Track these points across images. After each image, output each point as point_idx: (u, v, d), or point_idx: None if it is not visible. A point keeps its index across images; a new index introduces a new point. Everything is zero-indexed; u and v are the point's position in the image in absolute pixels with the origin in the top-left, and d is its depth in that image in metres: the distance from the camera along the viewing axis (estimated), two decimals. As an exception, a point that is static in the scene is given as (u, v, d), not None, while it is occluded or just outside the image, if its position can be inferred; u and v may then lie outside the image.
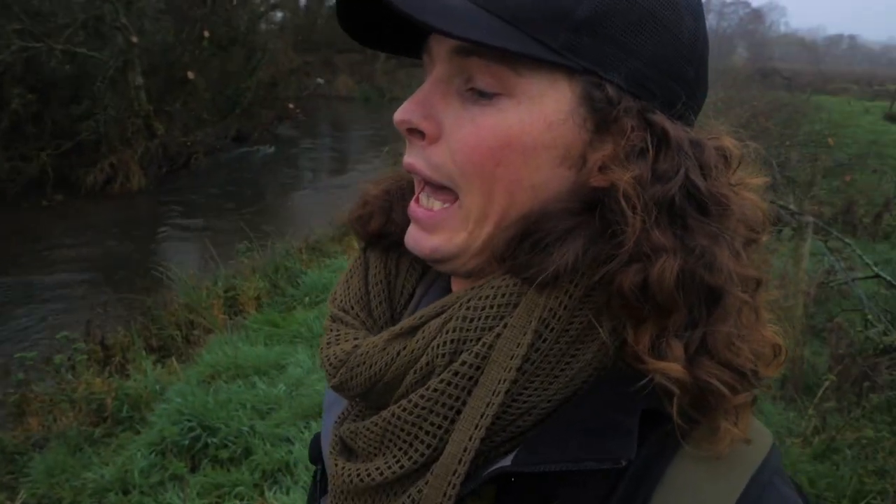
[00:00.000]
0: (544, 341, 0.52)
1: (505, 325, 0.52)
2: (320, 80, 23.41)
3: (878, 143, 16.03)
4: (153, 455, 3.34)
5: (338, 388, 0.60)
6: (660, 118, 0.53)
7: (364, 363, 0.57)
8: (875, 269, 4.71)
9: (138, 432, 3.69)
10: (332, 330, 0.63)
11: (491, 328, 0.53)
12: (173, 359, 4.65)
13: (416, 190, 0.60)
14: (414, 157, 0.57)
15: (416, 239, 0.58)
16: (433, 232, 0.57)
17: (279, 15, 20.73)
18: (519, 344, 0.51)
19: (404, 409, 0.54)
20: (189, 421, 3.51)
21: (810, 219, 4.52)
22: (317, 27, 22.42)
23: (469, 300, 0.54)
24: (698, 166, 0.53)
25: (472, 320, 0.53)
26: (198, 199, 11.27)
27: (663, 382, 0.49)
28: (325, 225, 8.29)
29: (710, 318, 0.51)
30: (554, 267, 0.50)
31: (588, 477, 0.51)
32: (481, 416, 0.51)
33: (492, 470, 0.52)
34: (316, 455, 0.74)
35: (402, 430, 0.54)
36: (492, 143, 0.52)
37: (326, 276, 5.97)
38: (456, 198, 0.56)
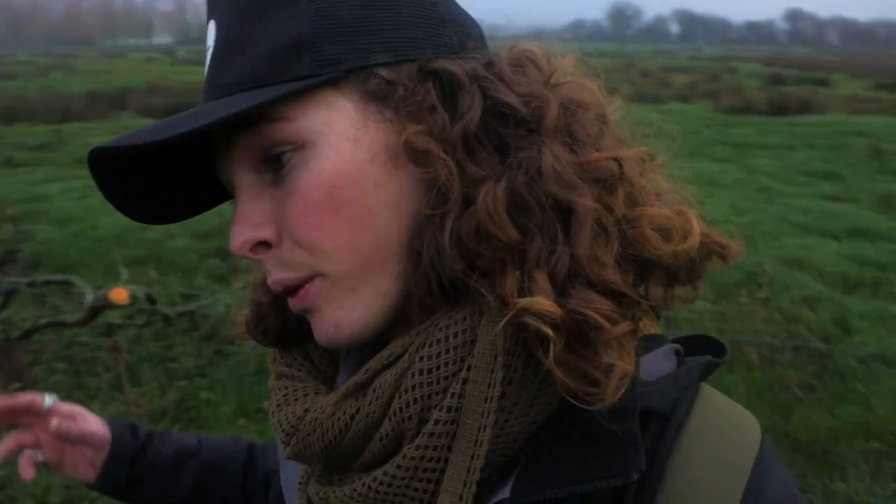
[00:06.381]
0: (515, 371, 0.46)
1: (468, 368, 0.46)
2: None
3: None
4: None
5: (294, 458, 0.53)
6: (439, 63, 0.49)
7: (315, 431, 0.50)
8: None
9: None
10: (279, 389, 0.57)
11: (454, 374, 0.46)
12: None
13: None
14: (276, 270, 0.51)
15: (324, 327, 0.51)
16: (327, 308, 0.51)
17: None
18: (490, 384, 0.45)
19: (381, 483, 0.47)
20: None
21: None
22: None
23: (419, 349, 0.48)
24: (499, 81, 0.49)
25: (430, 371, 0.46)
26: None
27: (532, 323, 0.43)
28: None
29: (569, 234, 0.45)
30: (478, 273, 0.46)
31: (593, 495, 0.46)
32: (468, 472, 0.45)
33: None
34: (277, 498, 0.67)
35: (385, 501, 0.48)
36: (319, 196, 0.47)
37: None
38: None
